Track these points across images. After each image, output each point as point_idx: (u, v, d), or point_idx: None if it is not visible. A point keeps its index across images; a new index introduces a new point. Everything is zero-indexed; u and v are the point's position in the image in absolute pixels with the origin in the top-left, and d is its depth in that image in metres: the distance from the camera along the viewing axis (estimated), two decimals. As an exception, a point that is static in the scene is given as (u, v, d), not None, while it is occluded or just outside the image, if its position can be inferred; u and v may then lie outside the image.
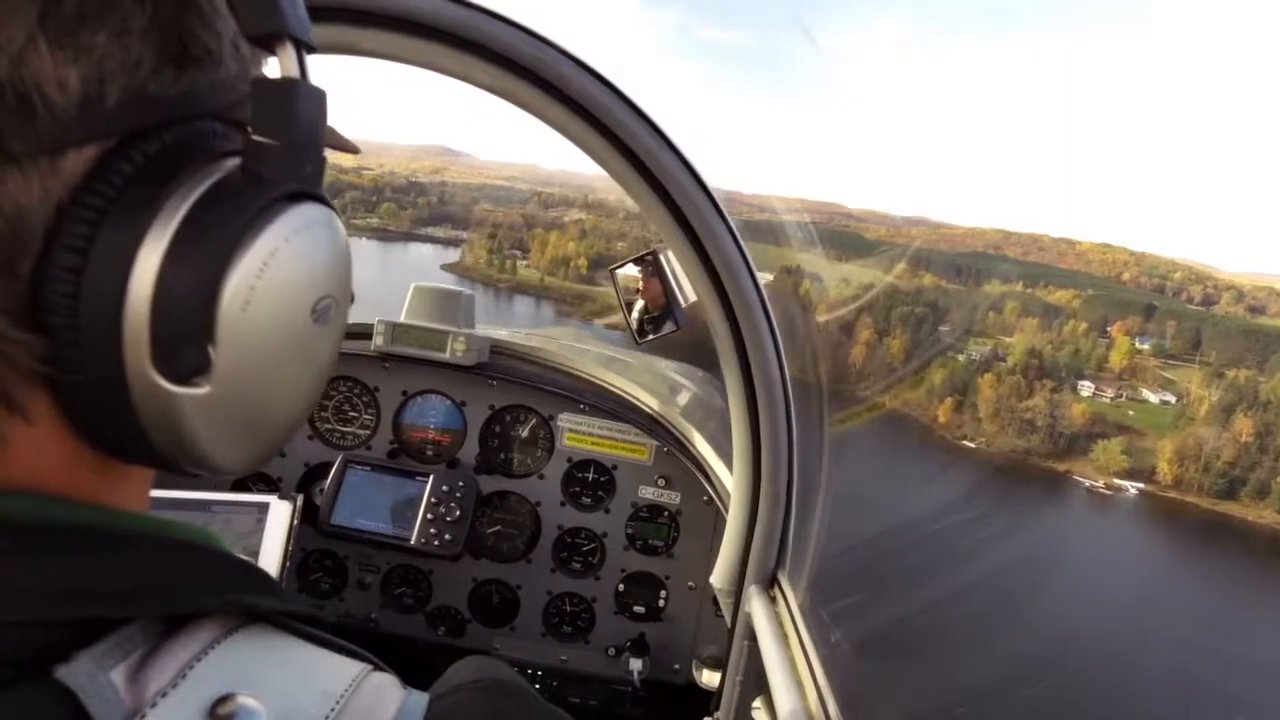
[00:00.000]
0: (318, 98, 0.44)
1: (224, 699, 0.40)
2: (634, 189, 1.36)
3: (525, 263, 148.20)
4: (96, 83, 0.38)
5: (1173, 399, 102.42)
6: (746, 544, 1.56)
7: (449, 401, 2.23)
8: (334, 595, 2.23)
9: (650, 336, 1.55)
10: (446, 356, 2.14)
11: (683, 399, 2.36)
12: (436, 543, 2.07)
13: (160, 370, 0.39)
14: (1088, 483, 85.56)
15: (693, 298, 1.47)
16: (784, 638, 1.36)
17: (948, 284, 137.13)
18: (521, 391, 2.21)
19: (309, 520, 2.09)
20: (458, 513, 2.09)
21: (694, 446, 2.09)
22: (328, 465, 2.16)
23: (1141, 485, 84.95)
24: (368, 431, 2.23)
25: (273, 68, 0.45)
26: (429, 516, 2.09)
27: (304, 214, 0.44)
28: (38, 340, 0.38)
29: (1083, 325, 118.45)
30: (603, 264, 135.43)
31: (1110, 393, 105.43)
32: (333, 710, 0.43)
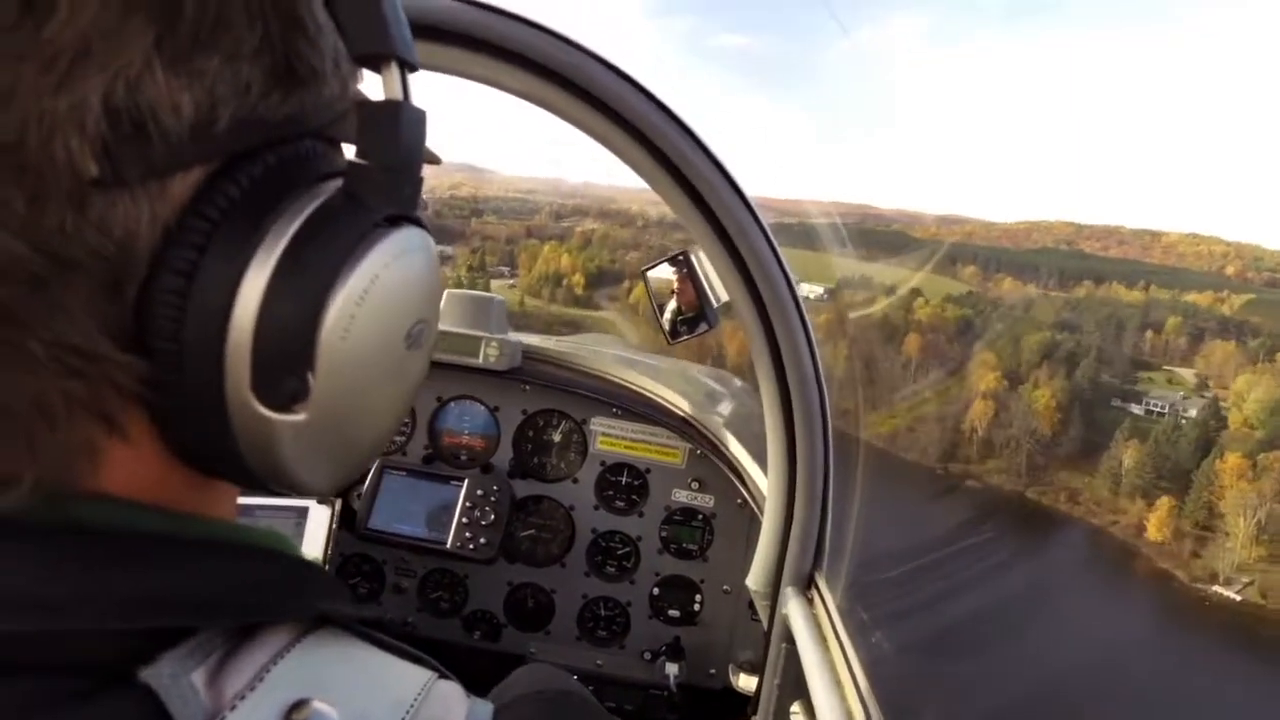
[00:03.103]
0: (419, 119, 0.44)
1: (300, 704, 0.40)
2: (664, 189, 1.36)
3: (510, 282, 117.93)
4: (209, 107, 0.38)
5: None
6: (783, 545, 1.54)
7: (482, 406, 2.24)
8: (371, 599, 2.25)
9: (684, 337, 1.55)
10: (479, 362, 2.16)
11: (717, 403, 2.35)
12: (472, 546, 2.08)
13: (259, 397, 0.40)
14: None
15: (725, 297, 1.46)
16: (822, 640, 1.34)
17: (1049, 291, 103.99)
18: (554, 396, 2.22)
19: (346, 525, 2.12)
20: (492, 516, 2.10)
21: (728, 449, 2.08)
22: (365, 471, 2.19)
23: None
24: (403, 437, 2.25)
25: (370, 85, 0.45)
26: (464, 520, 2.10)
27: (403, 239, 0.44)
28: (139, 362, 0.38)
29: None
30: (604, 280, 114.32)
31: None
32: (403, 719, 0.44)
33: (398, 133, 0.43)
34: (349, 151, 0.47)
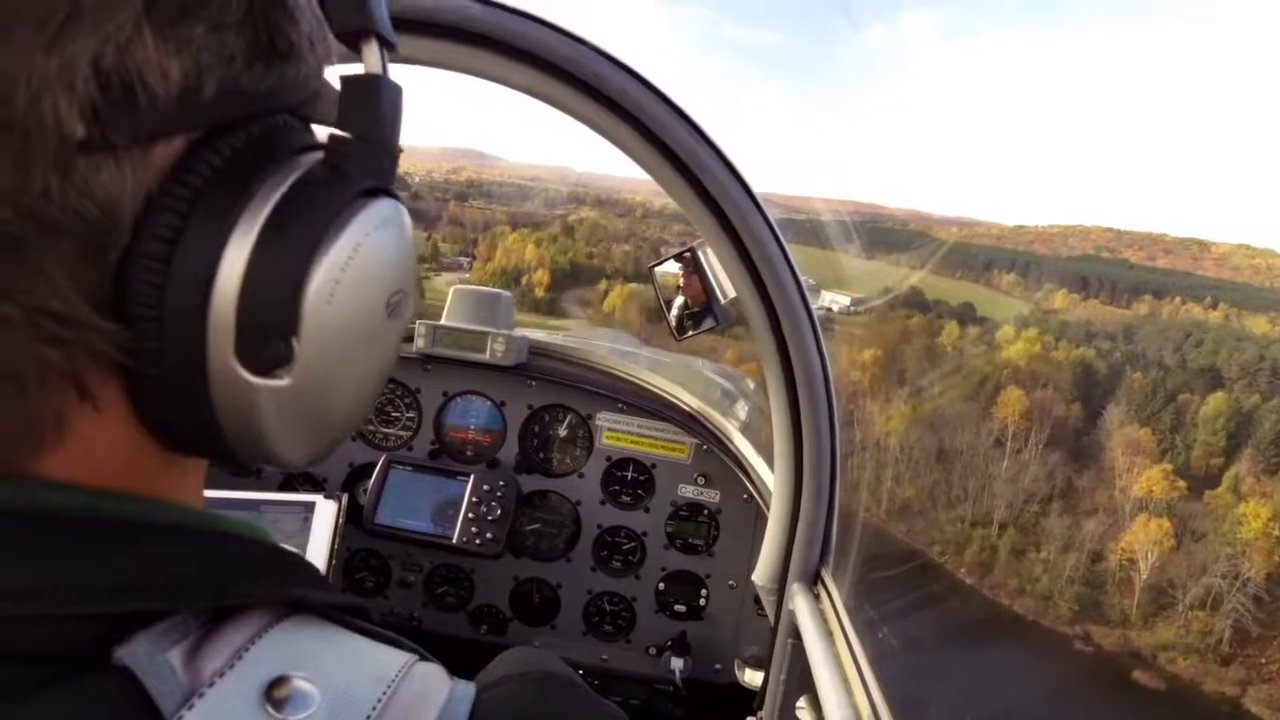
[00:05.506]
0: (398, 94, 0.46)
1: (279, 681, 0.40)
2: (672, 186, 1.36)
3: (464, 275, 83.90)
4: (195, 75, 0.39)
5: None
6: (789, 541, 1.54)
7: (489, 402, 2.25)
8: (378, 594, 2.26)
9: (690, 333, 1.55)
10: (486, 357, 2.16)
11: (723, 398, 2.35)
12: (478, 541, 2.09)
13: (243, 362, 0.40)
14: None
15: (732, 294, 1.47)
16: (829, 635, 1.35)
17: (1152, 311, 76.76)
18: (560, 391, 2.22)
19: (353, 520, 2.13)
20: (499, 512, 2.11)
21: (733, 444, 2.08)
22: (371, 466, 2.19)
23: None
24: (409, 432, 2.26)
25: (345, 66, 0.46)
26: (470, 516, 2.11)
27: (382, 209, 0.45)
28: (119, 329, 0.38)
29: None
30: (578, 279, 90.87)
31: None
32: (383, 696, 0.44)
33: (378, 106, 0.44)
34: (318, 130, 0.48)
